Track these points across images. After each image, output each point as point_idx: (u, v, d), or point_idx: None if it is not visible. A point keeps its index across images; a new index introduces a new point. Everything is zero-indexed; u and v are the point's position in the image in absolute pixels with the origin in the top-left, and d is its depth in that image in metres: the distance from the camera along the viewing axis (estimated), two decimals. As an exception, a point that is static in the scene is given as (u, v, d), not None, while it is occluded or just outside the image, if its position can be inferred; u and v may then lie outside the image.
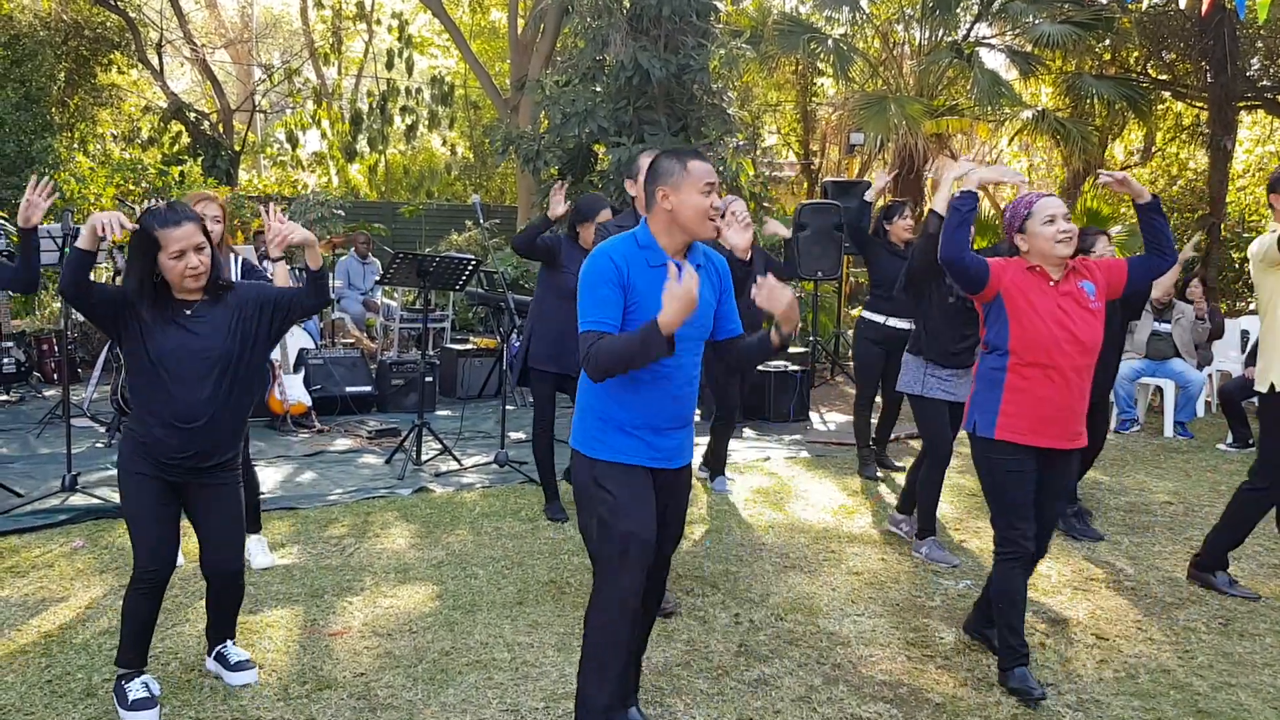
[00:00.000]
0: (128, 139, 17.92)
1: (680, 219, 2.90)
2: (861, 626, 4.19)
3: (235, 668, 3.47)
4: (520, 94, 15.74)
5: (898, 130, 13.02)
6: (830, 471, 6.95)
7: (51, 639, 3.83)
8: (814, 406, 9.27)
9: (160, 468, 3.19)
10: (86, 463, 6.27)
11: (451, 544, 5.12)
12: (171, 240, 3.07)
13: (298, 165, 22.27)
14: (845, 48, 14.31)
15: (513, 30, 17.41)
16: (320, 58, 22.58)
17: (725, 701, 3.47)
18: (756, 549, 5.19)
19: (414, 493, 6.07)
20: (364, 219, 16.47)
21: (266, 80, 22.79)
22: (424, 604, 4.30)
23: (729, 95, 12.37)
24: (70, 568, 4.62)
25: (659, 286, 2.77)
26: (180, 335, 3.14)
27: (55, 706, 3.31)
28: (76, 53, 15.11)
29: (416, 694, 3.46)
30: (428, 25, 23.88)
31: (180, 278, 3.12)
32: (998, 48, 14.89)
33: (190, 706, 3.32)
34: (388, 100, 21.47)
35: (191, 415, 3.15)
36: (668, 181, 2.90)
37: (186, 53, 20.23)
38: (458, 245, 15.24)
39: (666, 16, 10.96)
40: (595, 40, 11.42)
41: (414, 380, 8.65)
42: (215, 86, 20.78)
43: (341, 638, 3.91)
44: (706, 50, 11.21)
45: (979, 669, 3.79)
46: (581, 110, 11.18)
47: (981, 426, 3.65)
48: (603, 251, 2.92)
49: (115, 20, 16.10)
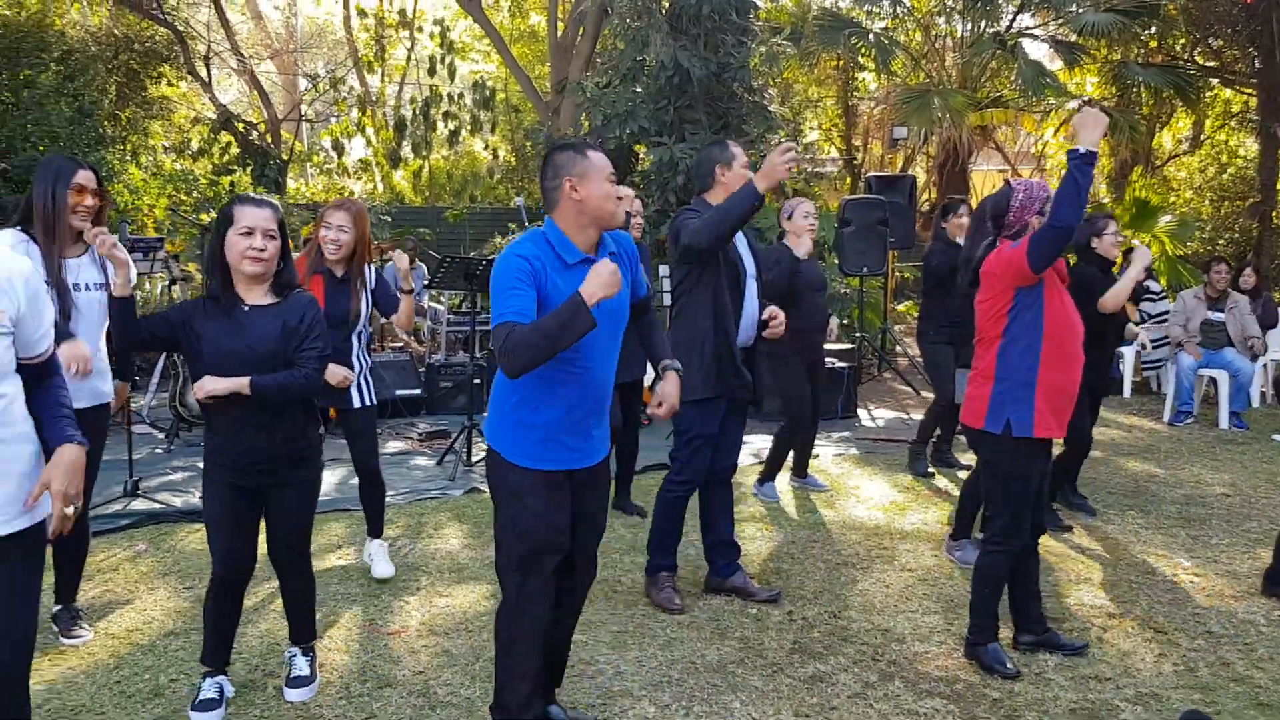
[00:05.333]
0: (178, 150, 18.23)
1: (589, 208, 2.83)
2: (916, 623, 4.18)
3: (292, 683, 3.45)
4: (561, 96, 15.83)
5: (941, 123, 12.92)
6: (880, 468, 6.93)
7: (118, 640, 3.93)
8: (861, 403, 9.23)
9: (233, 472, 3.20)
10: (147, 468, 6.41)
11: (504, 544, 5.17)
12: (243, 216, 3.07)
13: (344, 172, 22.51)
14: (887, 41, 14.23)
15: (552, 33, 17.50)
16: (364, 66, 22.82)
17: (781, 698, 3.49)
18: (808, 546, 5.19)
19: (465, 493, 6.14)
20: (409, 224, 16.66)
21: (312, 89, 23.09)
22: (479, 603, 4.35)
23: (769, 92, 12.37)
24: (134, 571, 4.74)
25: (576, 285, 2.72)
26: (231, 333, 3.09)
27: (124, 706, 3.39)
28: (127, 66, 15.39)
29: (474, 692, 3.51)
30: (468, 30, 24.05)
31: (240, 256, 3.06)
32: (1041, 38, 14.72)
33: (255, 705, 3.39)
34: (430, 106, 21.64)
35: (246, 417, 3.15)
36: (573, 172, 2.83)
37: (234, 64, 20.55)
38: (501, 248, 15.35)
39: (706, 15, 10.97)
40: (635, 41, 11.45)
41: (462, 382, 8.74)
42: (262, 97, 21.09)
43: (400, 636, 3.98)
44: (746, 48, 11.21)
45: (1036, 664, 3.77)
46: (622, 111, 11.22)
47: (1019, 427, 3.58)
48: (512, 251, 2.81)
49: (164, 34, 16.39)
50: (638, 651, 3.85)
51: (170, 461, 6.81)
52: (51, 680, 3.56)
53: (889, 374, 10.97)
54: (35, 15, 14.48)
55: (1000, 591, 3.75)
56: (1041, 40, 14.74)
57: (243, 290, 3.16)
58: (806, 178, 13.29)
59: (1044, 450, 3.67)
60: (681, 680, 3.60)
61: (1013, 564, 3.73)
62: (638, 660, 3.77)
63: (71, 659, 3.75)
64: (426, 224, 17.53)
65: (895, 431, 8.11)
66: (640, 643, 3.93)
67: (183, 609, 4.25)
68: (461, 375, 8.83)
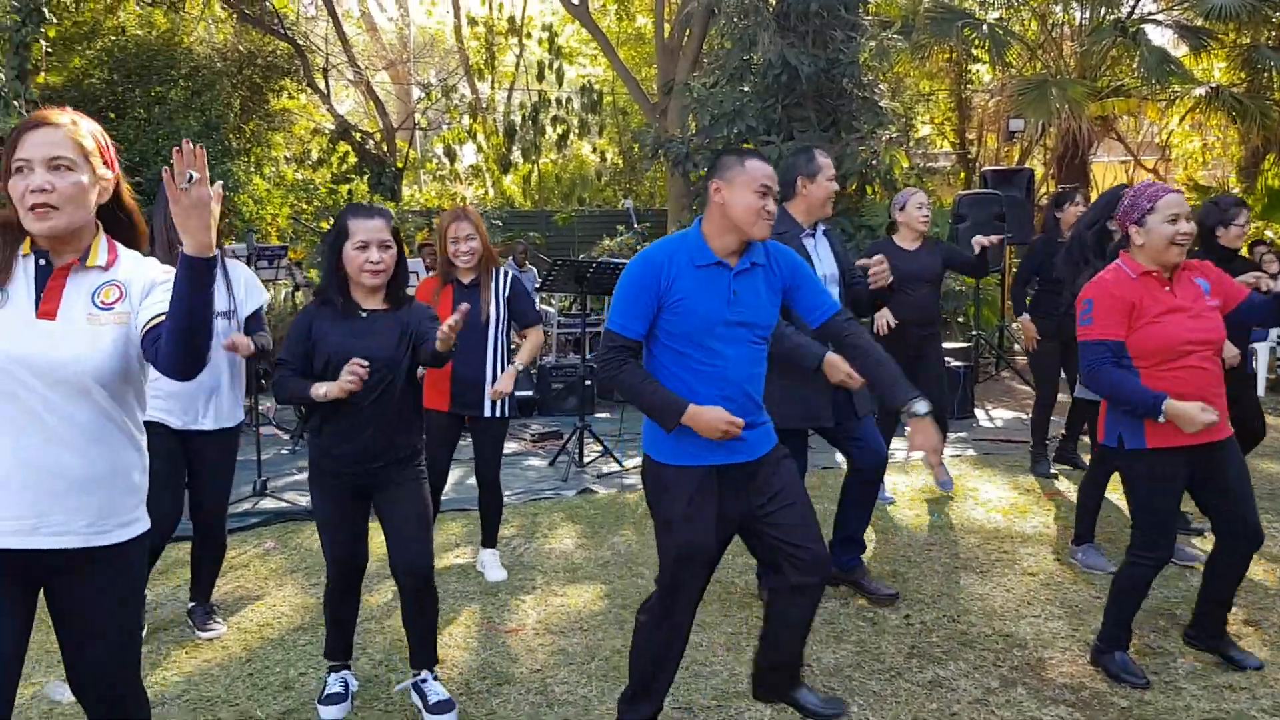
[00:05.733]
0: (299, 160, 18.86)
1: (731, 215, 2.85)
2: (1039, 628, 4.06)
3: (434, 709, 3.28)
4: (668, 98, 15.86)
5: (1060, 114, 12.51)
6: (999, 470, 6.76)
7: (250, 634, 4.09)
8: (979, 402, 9.02)
9: (340, 474, 3.25)
10: (274, 468, 6.65)
11: (617, 544, 5.22)
12: (358, 229, 3.15)
13: (456, 178, 23.00)
14: (1001, 32, 13.86)
15: (659, 35, 17.54)
16: (474, 73, 23.26)
17: (899, 703, 3.43)
18: (925, 549, 5.09)
19: (578, 494, 6.21)
20: (520, 228, 16.91)
21: (425, 98, 23.62)
22: (594, 603, 4.39)
23: (880, 87, 12.18)
24: (264, 568, 4.92)
25: (704, 286, 2.83)
26: (354, 336, 3.16)
27: (257, 699, 3.52)
28: (250, 81, 15.98)
29: (591, 690, 3.54)
30: (576, 35, 24.29)
31: (359, 270, 3.16)
32: (1165, 23, 14.15)
33: (379, 700, 3.49)
34: (539, 111, 21.96)
35: (365, 413, 3.17)
36: (723, 176, 2.88)
37: (350, 76, 21.15)
38: (610, 250, 15.48)
39: (814, 12, 10.87)
40: (743, 40, 11.41)
41: (573, 384, 8.83)
42: (378, 107, 21.66)
43: (517, 635, 4.04)
44: (856, 43, 11.06)
45: (1166, 672, 3.63)
46: (729, 110, 11.19)
47: (1130, 439, 3.46)
48: (645, 253, 2.92)
49: (285, 48, 16.97)
50: (753, 654, 3.82)
51: (295, 462, 7.06)
52: (189, 672, 3.72)
53: (1007, 373, 10.69)
54: (165, 34, 15.17)
55: (1138, 603, 3.59)
56: (1165, 25, 14.16)
57: (360, 297, 3.24)
58: (919, 173, 13.04)
59: (1169, 460, 3.44)
60: (797, 683, 3.57)
61: (1154, 575, 3.56)
62: (753, 662, 3.75)
63: (206, 652, 3.91)
64: (536, 227, 17.77)
65: (1014, 432, 7.90)
66: (755, 645, 3.90)
67: (309, 605, 4.40)
68: (573, 377, 8.93)
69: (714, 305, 2.84)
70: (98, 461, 2.14)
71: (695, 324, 2.84)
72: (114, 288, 2.19)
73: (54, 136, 2.10)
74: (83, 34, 14.60)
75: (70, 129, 2.13)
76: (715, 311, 2.84)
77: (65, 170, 2.10)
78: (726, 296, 2.86)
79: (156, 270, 2.26)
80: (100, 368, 2.11)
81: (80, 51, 14.42)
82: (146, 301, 2.19)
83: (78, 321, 2.13)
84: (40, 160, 2.07)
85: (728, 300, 2.86)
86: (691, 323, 2.84)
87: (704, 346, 2.84)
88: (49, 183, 2.07)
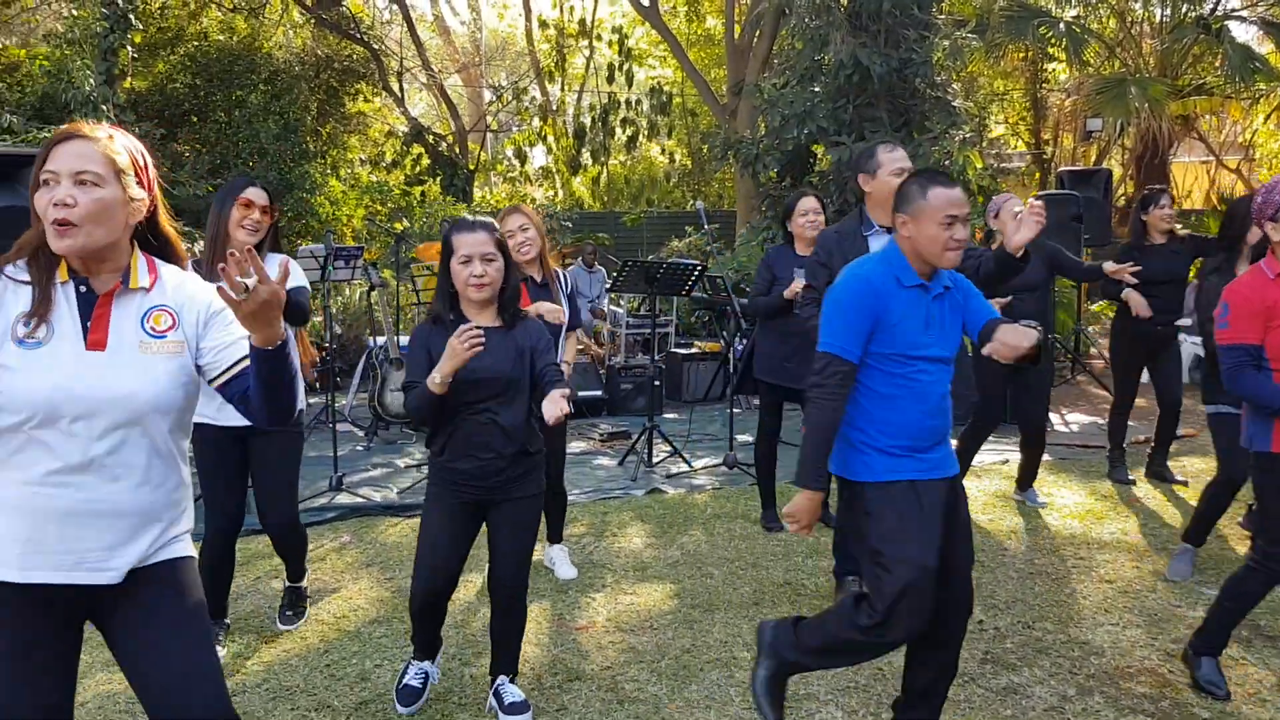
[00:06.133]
0: (374, 162, 19.18)
1: (918, 248, 2.86)
2: (1116, 636, 3.99)
3: (509, 709, 3.29)
4: (738, 99, 15.84)
5: (1139, 114, 12.26)
6: (1075, 475, 6.64)
7: (327, 626, 4.18)
8: (1054, 407, 8.86)
9: (460, 487, 3.18)
10: (349, 464, 6.78)
11: (686, 544, 5.23)
12: (461, 244, 3.12)
13: (526, 180, 23.22)
14: (1079, 29, 13.60)
15: (729, 36, 17.53)
16: (545, 76, 23.46)
17: (973, 709, 3.40)
18: (998, 554, 5.02)
19: (647, 494, 6.23)
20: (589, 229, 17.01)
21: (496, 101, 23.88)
22: (663, 602, 4.41)
23: (953, 87, 12.02)
24: (340, 561, 5.02)
25: (912, 307, 2.84)
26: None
27: (334, 689, 3.60)
28: (327, 85, 16.29)
29: (661, 689, 3.56)
30: (645, 37, 24.37)
31: (464, 285, 3.13)
32: (1250, 19, 13.78)
33: (454, 693, 3.54)
34: (609, 113, 22.08)
35: (493, 425, 3.13)
36: (907, 209, 2.87)
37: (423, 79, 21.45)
38: (678, 251, 15.50)
39: (887, 11, 10.77)
40: (814, 40, 11.35)
41: (642, 384, 8.87)
42: (451, 109, 21.97)
43: (587, 632, 4.07)
44: (929, 42, 10.94)
45: (1249, 682, 3.55)
46: (800, 111, 11.14)
47: (1258, 441, 3.38)
48: (860, 274, 2.90)
49: (361, 52, 17.28)
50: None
51: (370, 459, 7.18)
52: (269, 661, 3.82)
53: (1083, 377, 10.48)
54: (245, 39, 15.54)
55: (1245, 610, 3.48)
56: (1250, 22, 13.80)
57: (471, 313, 3.19)
58: (993, 174, 12.85)
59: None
60: (869, 686, 3.56)
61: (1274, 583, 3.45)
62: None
63: (285, 642, 4.00)
64: (605, 229, 17.85)
65: (1090, 437, 7.75)
66: (825, 647, 3.89)
67: (384, 598, 4.48)
68: (642, 377, 8.96)
69: (917, 325, 2.85)
70: (145, 497, 2.05)
71: (902, 344, 2.84)
72: (164, 313, 2.09)
73: (85, 150, 1.99)
74: (167, 40, 15.01)
75: (104, 143, 2.01)
76: (918, 331, 2.85)
77: (90, 185, 1.97)
78: (926, 317, 2.87)
79: (205, 294, 2.15)
80: (158, 400, 2.02)
81: (164, 57, 14.84)
82: (209, 339, 2.11)
83: (130, 351, 2.02)
84: (67, 173, 1.96)
85: (926, 321, 2.87)
86: (899, 342, 2.84)
87: (908, 364, 2.85)
88: (71, 197, 1.95)
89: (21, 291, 2.01)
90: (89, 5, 12.12)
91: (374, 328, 8.53)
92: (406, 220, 14.29)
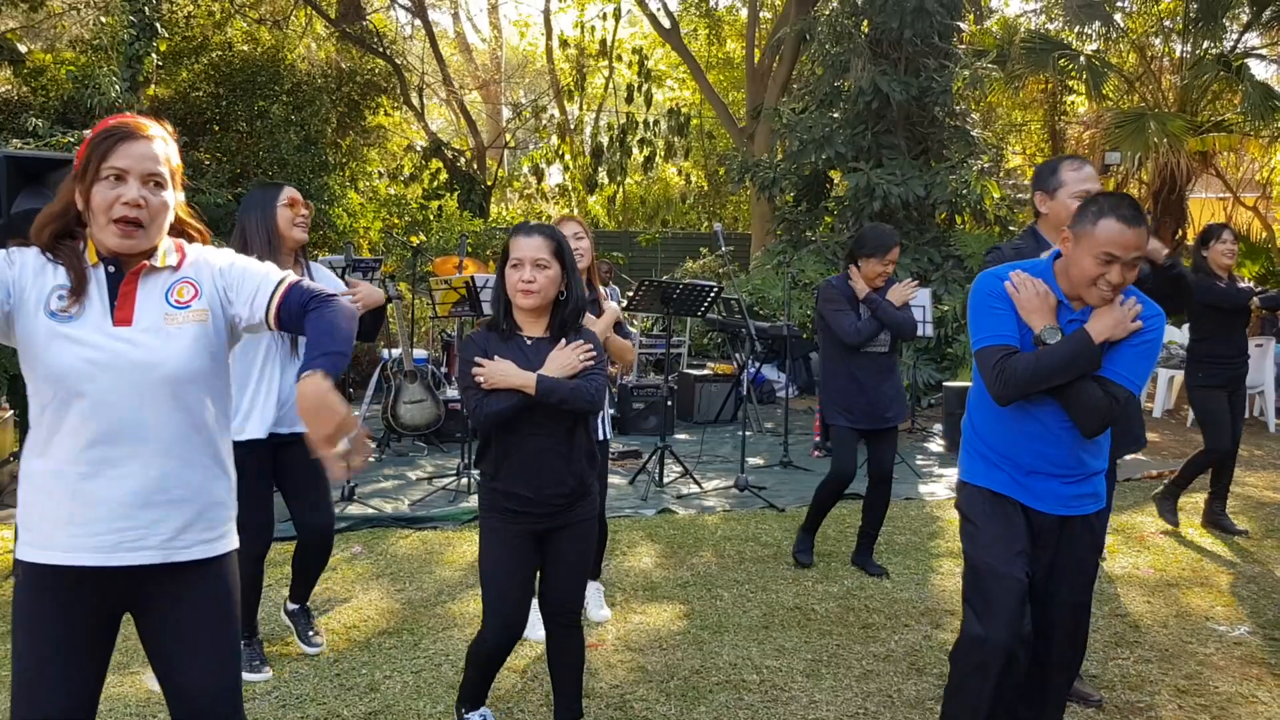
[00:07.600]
0: (392, 176, 19.28)
1: (1070, 270, 2.67)
2: (1125, 670, 3.96)
3: None
4: (756, 122, 15.91)
5: (1158, 149, 12.26)
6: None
7: (338, 636, 4.18)
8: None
9: (518, 514, 3.01)
10: (361, 475, 6.79)
11: (696, 565, 5.23)
12: (515, 248, 2.98)
13: (542, 198, 23.31)
14: (1099, 63, 13.64)
15: (749, 60, 17.62)
16: (564, 94, 23.58)
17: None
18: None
19: (658, 513, 6.23)
20: (604, 248, 17.07)
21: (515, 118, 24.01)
22: (672, 622, 4.41)
23: (972, 117, 12.07)
24: (351, 571, 5.03)
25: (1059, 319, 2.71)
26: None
27: (344, 699, 3.60)
28: (349, 98, 16.39)
29: (670, 709, 3.56)
30: (665, 58, 24.50)
31: (513, 290, 2.98)
32: (1270, 58, 13.80)
33: (462, 706, 3.54)
34: (627, 133, 22.16)
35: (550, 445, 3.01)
36: (1076, 226, 2.65)
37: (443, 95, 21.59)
38: (693, 272, 15.54)
39: (908, 39, 10.84)
40: (834, 66, 11.42)
41: (654, 404, 8.88)
42: (470, 125, 22.08)
43: (596, 650, 4.07)
44: (949, 71, 10.99)
45: (1263, 724, 3.53)
46: (819, 136, 11.19)
47: None
48: (996, 272, 2.80)
49: (382, 66, 17.39)
50: (832, 681, 3.81)
51: (382, 470, 7.21)
52: (279, 670, 3.82)
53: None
54: (269, 51, 15.65)
55: None
56: (1270, 60, 13.82)
57: (522, 322, 3.05)
58: (1009, 204, 12.86)
59: None
60: (878, 713, 3.55)
61: None
62: (832, 690, 3.73)
63: (295, 651, 4.01)
64: (620, 248, 17.91)
65: (1128, 470, 7.69)
66: (835, 673, 3.89)
67: (395, 609, 4.49)
68: (654, 397, 8.97)
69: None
70: (180, 473, 2.07)
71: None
72: (187, 284, 2.12)
73: (151, 151, 2.03)
74: (191, 49, 15.12)
75: (163, 145, 2.07)
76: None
77: (157, 187, 2.03)
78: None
79: (213, 255, 2.19)
80: (181, 369, 2.05)
81: (188, 65, 14.94)
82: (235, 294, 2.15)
83: (155, 324, 2.06)
84: (138, 173, 2.00)
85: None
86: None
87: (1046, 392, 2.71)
88: (144, 198, 2.00)
89: (58, 268, 2.06)
90: (116, 13, 12.25)
91: (389, 340, 8.56)
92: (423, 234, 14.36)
